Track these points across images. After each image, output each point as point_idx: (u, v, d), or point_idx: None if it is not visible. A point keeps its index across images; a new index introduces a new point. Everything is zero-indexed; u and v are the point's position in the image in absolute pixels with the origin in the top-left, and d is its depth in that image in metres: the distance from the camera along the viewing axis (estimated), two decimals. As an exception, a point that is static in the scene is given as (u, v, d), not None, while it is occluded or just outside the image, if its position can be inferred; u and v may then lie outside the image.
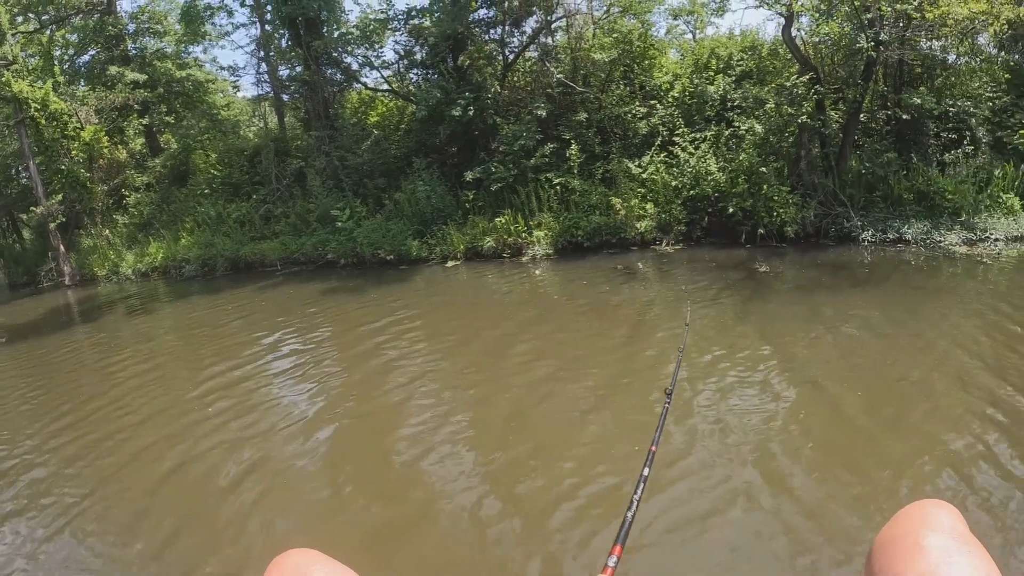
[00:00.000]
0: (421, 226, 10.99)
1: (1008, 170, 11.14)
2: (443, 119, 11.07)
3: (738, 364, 5.07)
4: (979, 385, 4.42)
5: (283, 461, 3.95)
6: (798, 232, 9.49)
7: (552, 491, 3.29)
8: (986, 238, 10.43)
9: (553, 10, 11.45)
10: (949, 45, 11.23)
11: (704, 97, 10.22)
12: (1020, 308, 7.11)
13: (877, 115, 10.56)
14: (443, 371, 5.38)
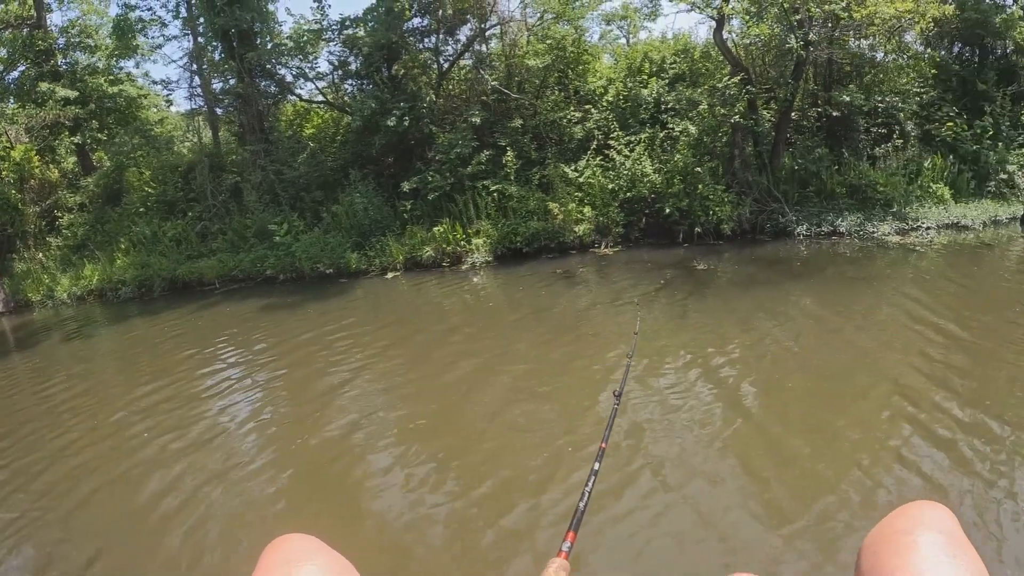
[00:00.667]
0: (360, 238, 10.75)
1: (937, 161, 11.46)
2: (379, 129, 10.86)
3: (679, 360, 5.17)
4: (914, 375, 4.57)
5: (221, 476, 3.86)
6: (734, 229, 9.56)
7: (509, 490, 3.37)
8: (918, 227, 10.70)
9: (487, 17, 11.35)
10: (877, 43, 11.52)
11: (638, 100, 10.25)
12: (950, 293, 7.57)
13: (808, 113, 10.75)
14: (386, 384, 5.31)
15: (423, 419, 4.47)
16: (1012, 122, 13.03)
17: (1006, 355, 5.02)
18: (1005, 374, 4.61)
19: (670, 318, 6.64)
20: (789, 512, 2.99)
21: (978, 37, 13.48)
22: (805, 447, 3.61)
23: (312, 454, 4.08)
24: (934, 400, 4.07)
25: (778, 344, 5.56)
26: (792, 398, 4.38)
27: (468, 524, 3.13)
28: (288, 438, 4.38)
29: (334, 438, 4.27)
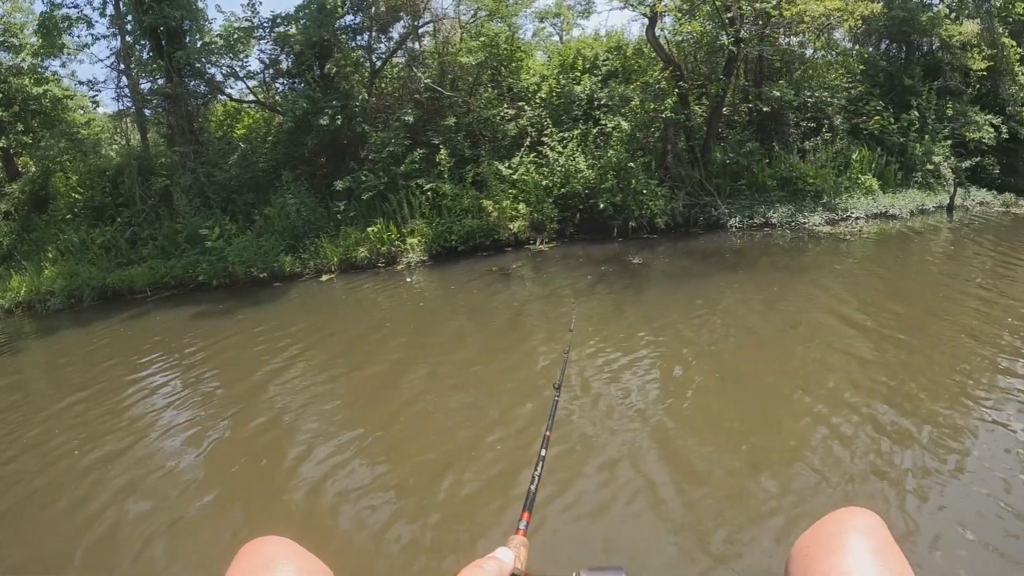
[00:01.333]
0: (293, 240, 10.45)
1: (864, 153, 11.78)
2: (311, 129, 10.59)
3: (616, 353, 5.18)
4: (847, 360, 4.81)
5: (154, 489, 3.72)
6: (668, 223, 9.62)
7: (464, 483, 3.41)
8: (848, 217, 10.98)
9: (420, 15, 11.16)
10: (806, 40, 11.78)
11: (571, 97, 10.23)
12: (879, 279, 7.97)
13: (739, 108, 10.92)
14: (322, 389, 5.14)
15: (360, 422, 4.37)
16: (937, 115, 13.51)
17: (932, 334, 5.39)
18: (930, 356, 4.88)
19: (606, 312, 6.72)
20: (713, 497, 3.14)
21: (905, 34, 13.93)
22: (738, 435, 3.78)
23: (247, 460, 3.95)
24: (864, 386, 4.32)
25: (713, 335, 5.71)
26: (726, 388, 4.52)
27: (423, 519, 3.14)
28: (220, 445, 4.24)
29: (271, 444, 4.15)
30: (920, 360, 4.80)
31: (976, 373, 4.49)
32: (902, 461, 3.37)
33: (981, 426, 3.71)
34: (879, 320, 5.79)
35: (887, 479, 3.21)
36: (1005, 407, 3.92)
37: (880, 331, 5.44)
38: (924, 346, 5.12)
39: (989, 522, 2.84)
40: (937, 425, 3.72)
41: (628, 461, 3.50)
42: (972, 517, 2.86)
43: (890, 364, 4.69)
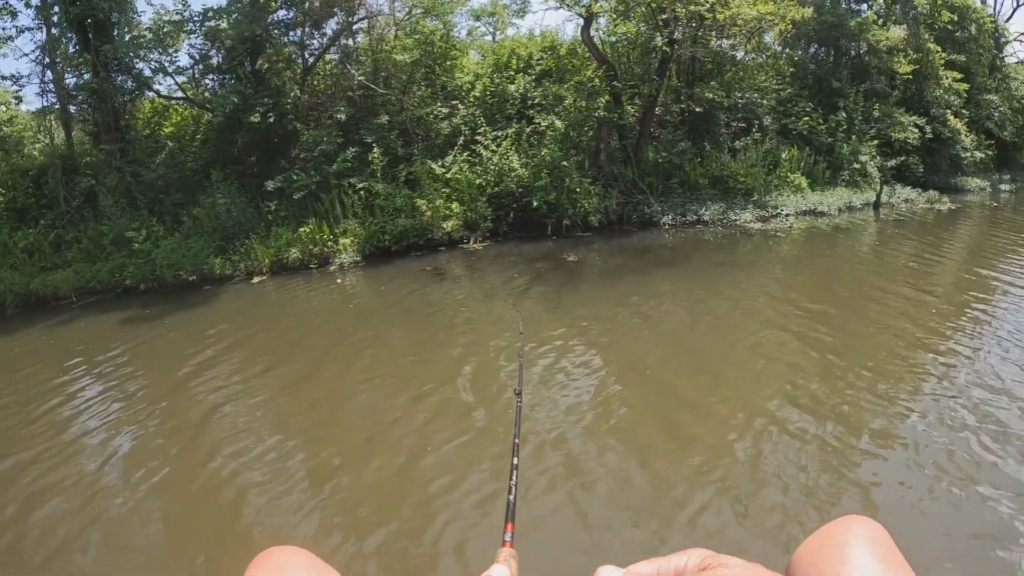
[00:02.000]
0: (223, 242, 10.15)
1: (793, 153, 12.15)
2: (241, 127, 10.30)
3: (555, 351, 5.24)
4: (777, 351, 5.08)
5: (89, 501, 3.52)
6: (602, 221, 9.71)
7: (429, 497, 3.31)
8: (778, 214, 11.29)
9: (355, 11, 10.99)
10: (738, 43, 12.06)
11: (505, 96, 10.23)
12: (808, 274, 8.33)
13: (671, 108, 11.10)
14: (259, 395, 4.97)
15: (298, 434, 4.22)
16: (864, 117, 14.03)
17: (858, 328, 5.69)
18: (859, 347, 5.18)
19: (544, 310, 6.77)
20: (660, 488, 3.27)
21: (833, 39, 14.44)
22: (680, 427, 3.94)
23: (178, 472, 3.80)
24: (796, 374, 4.58)
25: (650, 330, 5.88)
26: (664, 381, 4.67)
27: (398, 539, 3.05)
28: (139, 448, 4.09)
29: (202, 455, 4.00)
30: (846, 354, 5.02)
31: (899, 369, 4.71)
32: (830, 455, 3.50)
33: (904, 423, 3.86)
34: (808, 315, 6.07)
35: (845, 479, 3.32)
36: (924, 400, 4.15)
37: (808, 327, 5.69)
38: (850, 340, 5.37)
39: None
40: (859, 417, 3.90)
41: (562, 467, 3.54)
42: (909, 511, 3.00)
43: (818, 359, 4.89)
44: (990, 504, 2.95)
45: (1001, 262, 8.96)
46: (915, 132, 14.61)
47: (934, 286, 7.51)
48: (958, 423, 3.76)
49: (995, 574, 2.55)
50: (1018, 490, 3.03)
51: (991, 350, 4.99)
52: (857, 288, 7.58)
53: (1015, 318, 5.94)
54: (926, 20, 16.68)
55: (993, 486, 3.08)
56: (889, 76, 15.02)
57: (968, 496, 3.02)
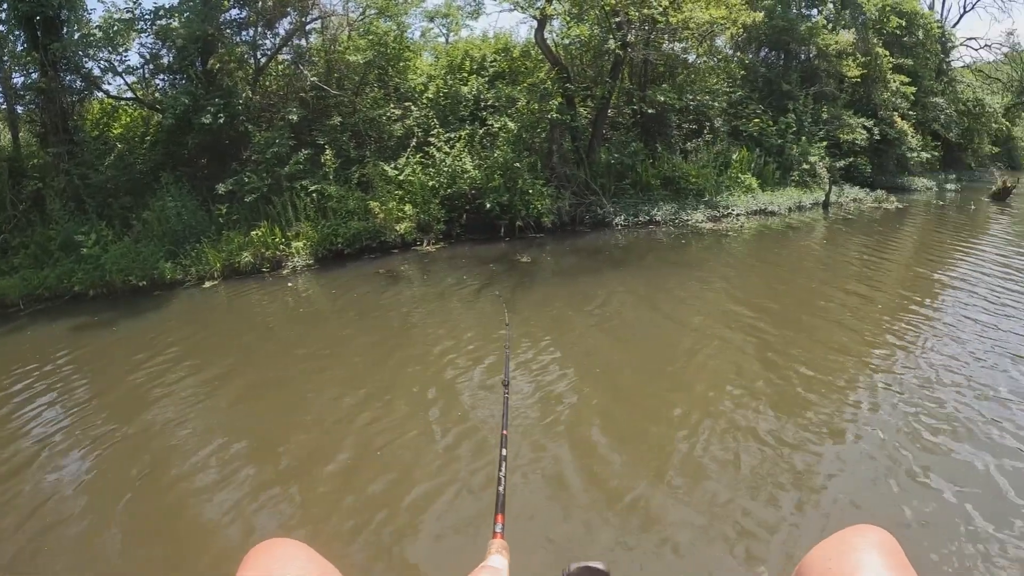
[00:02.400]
0: (173, 246, 10.00)
1: (744, 154, 12.46)
2: (192, 128, 10.15)
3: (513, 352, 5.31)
4: (726, 349, 5.31)
5: (38, 514, 3.45)
6: (555, 222, 9.85)
7: (406, 501, 3.32)
8: (729, 214, 11.57)
9: (309, 11, 10.93)
10: (689, 47, 12.32)
11: (458, 98, 10.28)
12: (758, 272, 8.69)
13: (623, 110, 11.29)
14: (215, 405, 4.88)
15: (257, 442, 4.17)
16: (813, 119, 14.44)
17: (806, 325, 6.01)
18: (805, 343, 5.47)
19: (499, 311, 6.83)
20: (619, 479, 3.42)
21: (784, 43, 14.82)
22: (633, 425, 4.09)
23: (140, 487, 3.71)
24: (743, 371, 4.79)
25: (602, 329, 6.06)
26: (619, 380, 4.83)
27: (379, 543, 3.04)
28: (108, 471, 3.95)
29: (155, 461, 3.95)
30: (792, 350, 5.29)
31: (843, 365, 4.94)
32: (783, 451, 3.65)
33: (847, 416, 4.06)
34: (756, 312, 6.35)
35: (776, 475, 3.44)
36: (866, 393, 4.40)
37: (756, 324, 5.96)
38: (797, 336, 5.68)
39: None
40: (810, 414, 4.07)
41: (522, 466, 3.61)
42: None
43: (764, 356, 5.14)
44: (932, 491, 3.14)
45: (944, 258, 9.49)
46: (863, 134, 15.10)
47: (880, 282, 7.94)
48: (899, 413, 3.99)
49: (941, 561, 2.66)
50: (959, 479, 3.22)
51: (931, 344, 5.31)
52: (805, 285, 7.94)
53: (955, 311, 6.36)
54: (875, 25, 17.22)
55: (936, 475, 3.27)
56: (838, 79, 15.49)
57: (910, 485, 3.20)
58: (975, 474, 3.27)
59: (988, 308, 6.34)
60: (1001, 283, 7.44)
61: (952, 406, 4.06)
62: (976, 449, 3.50)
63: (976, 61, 26.70)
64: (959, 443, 3.58)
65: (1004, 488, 3.13)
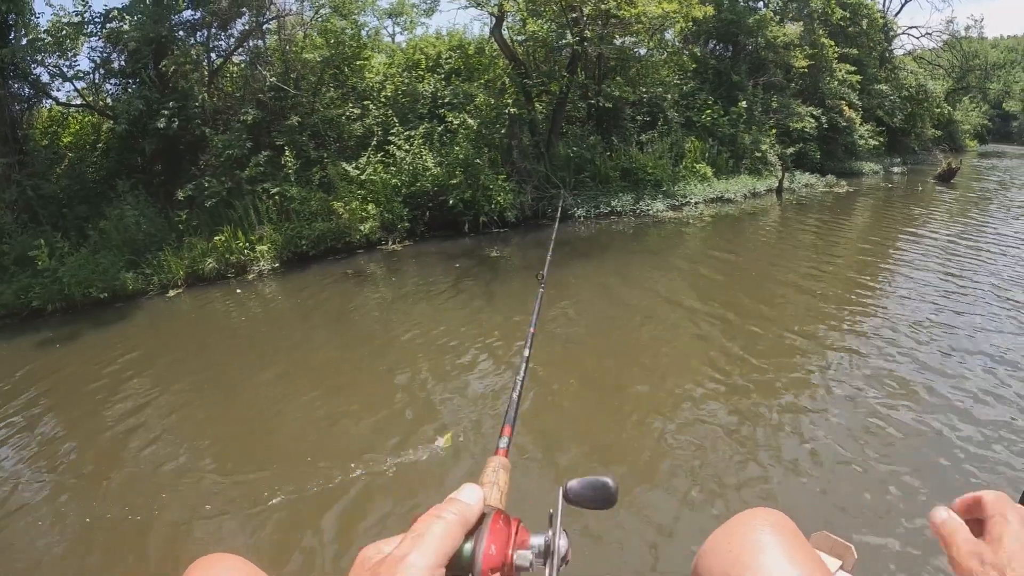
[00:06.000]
0: (134, 255, 9.85)
1: (697, 144, 12.84)
2: (147, 133, 10.01)
3: (489, 342, 5.55)
4: (689, 333, 5.62)
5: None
6: (518, 216, 10.03)
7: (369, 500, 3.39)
8: (687, 203, 11.92)
9: (265, 10, 10.87)
10: (640, 40, 12.61)
11: (416, 95, 10.36)
12: (716, 256, 9.09)
13: (578, 104, 11.53)
14: (180, 419, 4.81)
15: (223, 456, 4.12)
16: (763, 108, 14.92)
17: (761, 308, 6.34)
18: (763, 324, 5.78)
19: (476, 304, 7.05)
20: None
21: (732, 35, 15.26)
22: (605, 409, 4.29)
23: (112, 505, 3.64)
24: (706, 355, 5.03)
25: (571, 318, 6.32)
26: (582, 366, 5.04)
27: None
28: (78, 492, 3.89)
29: (124, 479, 3.89)
30: (751, 332, 5.60)
31: (801, 346, 5.26)
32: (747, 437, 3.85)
33: (807, 398, 4.30)
34: (716, 296, 6.78)
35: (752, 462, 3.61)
36: (824, 375, 4.67)
37: (717, 307, 6.34)
38: (755, 319, 5.98)
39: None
40: (763, 391, 4.35)
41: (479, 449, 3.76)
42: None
43: (725, 338, 5.45)
44: (889, 480, 3.32)
45: (892, 237, 10.15)
46: (812, 122, 15.66)
47: (834, 260, 8.51)
48: (854, 395, 4.26)
49: (895, 547, 2.81)
50: (912, 463, 3.43)
51: (882, 326, 5.65)
52: (761, 267, 8.36)
53: (907, 285, 6.98)
54: (820, 17, 17.83)
55: (888, 462, 3.45)
56: (786, 70, 16.02)
57: (862, 471, 3.39)
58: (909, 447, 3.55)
59: (940, 286, 6.86)
60: (950, 259, 8.12)
61: (905, 384, 4.35)
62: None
63: (917, 49, 27.91)
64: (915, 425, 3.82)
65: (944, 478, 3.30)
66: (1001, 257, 8.17)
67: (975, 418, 3.79)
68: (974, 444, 3.50)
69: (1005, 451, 3.42)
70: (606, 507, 0.71)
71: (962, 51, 29.79)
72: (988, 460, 3.35)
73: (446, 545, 0.54)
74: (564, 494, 0.72)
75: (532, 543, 0.62)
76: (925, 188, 17.19)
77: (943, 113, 25.74)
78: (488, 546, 0.58)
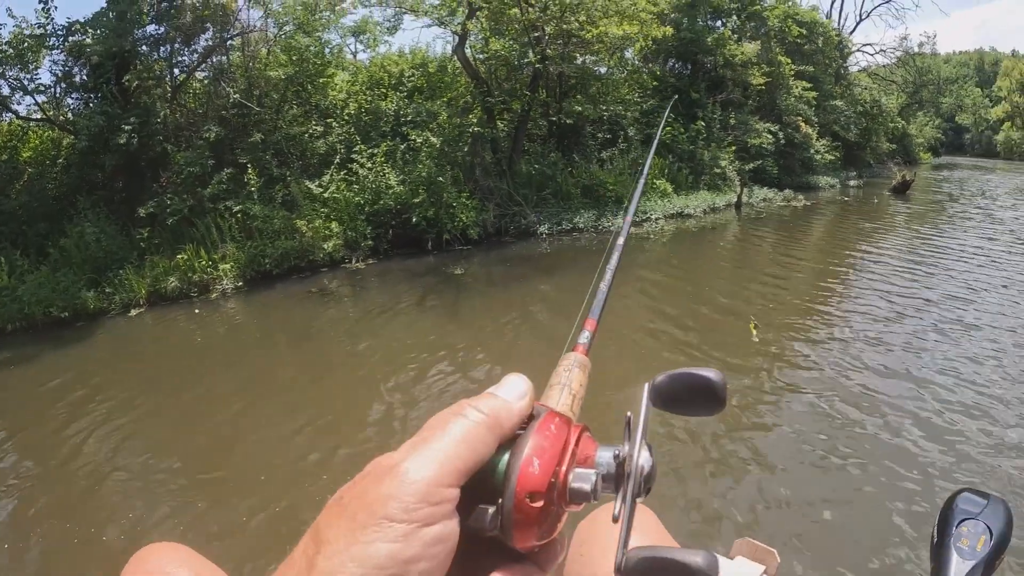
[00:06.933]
0: (95, 273, 9.77)
1: (657, 161, 13.24)
2: (108, 149, 9.97)
3: (455, 360, 5.69)
4: (650, 345, 5.94)
5: None
6: (481, 233, 10.23)
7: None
8: (648, 218, 12.26)
9: (229, 26, 10.92)
10: (600, 59, 12.97)
11: (379, 113, 10.51)
12: (678, 269, 9.62)
13: (539, 122, 11.82)
14: (141, 441, 4.76)
15: (185, 481, 4.10)
16: (722, 125, 15.41)
17: (726, 318, 6.73)
18: (722, 333, 6.19)
19: (440, 322, 7.19)
20: None
21: (692, 54, 15.74)
22: None
23: (58, 522, 3.64)
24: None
25: (536, 331, 6.62)
26: None
27: None
28: (43, 521, 3.81)
29: (82, 506, 3.84)
30: (707, 340, 6.00)
31: (756, 350, 5.60)
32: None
33: (768, 404, 4.59)
34: (678, 308, 7.22)
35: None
36: (780, 379, 5.00)
37: (678, 318, 6.78)
38: (713, 329, 6.42)
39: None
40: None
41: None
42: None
43: (684, 347, 5.81)
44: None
45: (849, 247, 10.78)
46: (769, 138, 16.22)
47: (793, 269, 9.11)
48: (812, 397, 4.62)
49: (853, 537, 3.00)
50: (866, 455, 3.74)
51: (841, 334, 6.07)
52: (721, 278, 8.77)
53: (861, 292, 7.54)
54: (777, 35, 18.48)
55: (846, 456, 3.74)
56: (744, 87, 16.56)
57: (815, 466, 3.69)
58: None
59: (897, 296, 7.37)
60: (909, 268, 8.79)
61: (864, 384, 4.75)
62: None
63: (872, 65, 28.97)
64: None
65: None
66: (946, 272, 8.64)
67: (918, 432, 4.05)
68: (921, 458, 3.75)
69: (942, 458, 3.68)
70: (709, 412, 0.51)
71: (915, 67, 31.03)
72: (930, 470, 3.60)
73: (462, 454, 0.39)
74: (651, 393, 0.52)
75: (600, 459, 0.46)
76: (880, 200, 17.89)
77: (897, 127, 26.76)
78: (530, 459, 0.42)
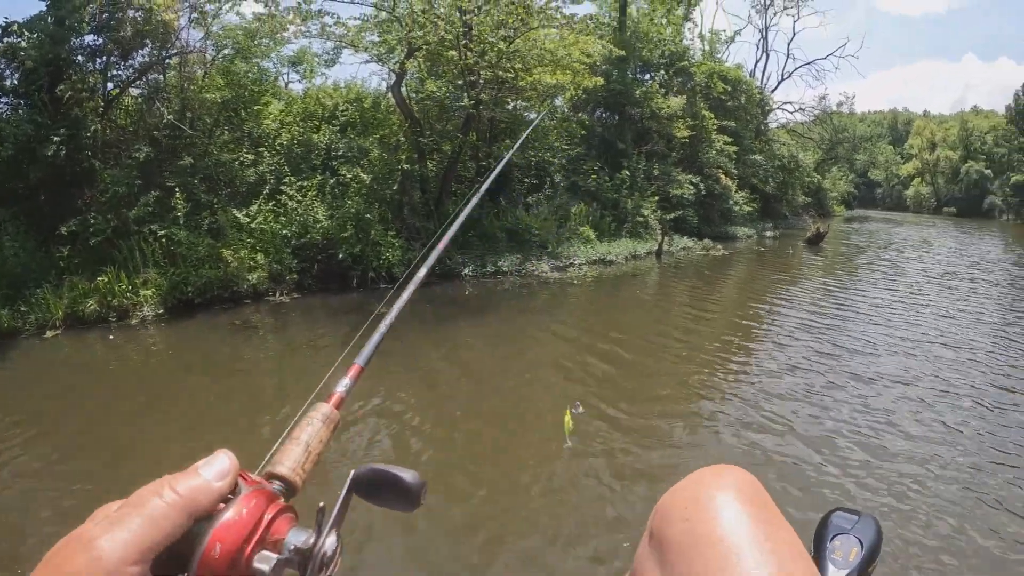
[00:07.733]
0: (10, 291, 9.51)
1: (582, 208, 14.04)
2: (34, 159, 9.82)
3: (375, 400, 5.85)
4: (571, 385, 6.28)
5: None
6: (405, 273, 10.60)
7: None
8: (571, 264, 12.95)
9: (169, 44, 10.96)
10: (531, 106, 13.70)
11: (310, 145, 10.77)
12: (597, 315, 10.00)
13: (469, 164, 12.38)
14: (43, 472, 4.65)
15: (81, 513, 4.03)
16: (646, 175, 16.44)
17: (645, 361, 7.29)
18: (642, 377, 6.68)
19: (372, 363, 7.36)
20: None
21: (619, 104, 16.75)
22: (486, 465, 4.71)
23: None
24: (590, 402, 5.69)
25: (459, 375, 6.88)
26: (470, 427, 5.44)
27: None
28: None
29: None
30: (631, 383, 6.51)
31: (679, 393, 6.22)
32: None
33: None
34: (598, 352, 7.59)
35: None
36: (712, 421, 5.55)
37: (599, 362, 7.15)
38: (634, 371, 6.93)
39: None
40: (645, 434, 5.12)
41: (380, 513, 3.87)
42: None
43: (608, 391, 6.20)
44: None
45: (763, 295, 11.52)
46: (691, 189, 17.38)
47: (708, 315, 9.75)
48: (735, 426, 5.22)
49: None
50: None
51: (753, 372, 6.77)
52: (640, 324, 9.41)
53: (773, 339, 8.28)
54: (703, 90, 19.84)
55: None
56: (668, 139, 17.72)
57: None
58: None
59: (810, 338, 8.25)
60: (812, 322, 9.47)
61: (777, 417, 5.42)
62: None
63: (791, 122, 31.12)
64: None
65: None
66: (850, 322, 9.40)
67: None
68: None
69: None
70: (405, 510, 0.56)
71: (832, 125, 33.59)
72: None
73: (153, 536, 0.41)
74: (352, 482, 0.56)
75: (289, 541, 0.48)
76: (795, 251, 19.18)
77: (813, 181, 28.88)
78: (212, 544, 0.44)
